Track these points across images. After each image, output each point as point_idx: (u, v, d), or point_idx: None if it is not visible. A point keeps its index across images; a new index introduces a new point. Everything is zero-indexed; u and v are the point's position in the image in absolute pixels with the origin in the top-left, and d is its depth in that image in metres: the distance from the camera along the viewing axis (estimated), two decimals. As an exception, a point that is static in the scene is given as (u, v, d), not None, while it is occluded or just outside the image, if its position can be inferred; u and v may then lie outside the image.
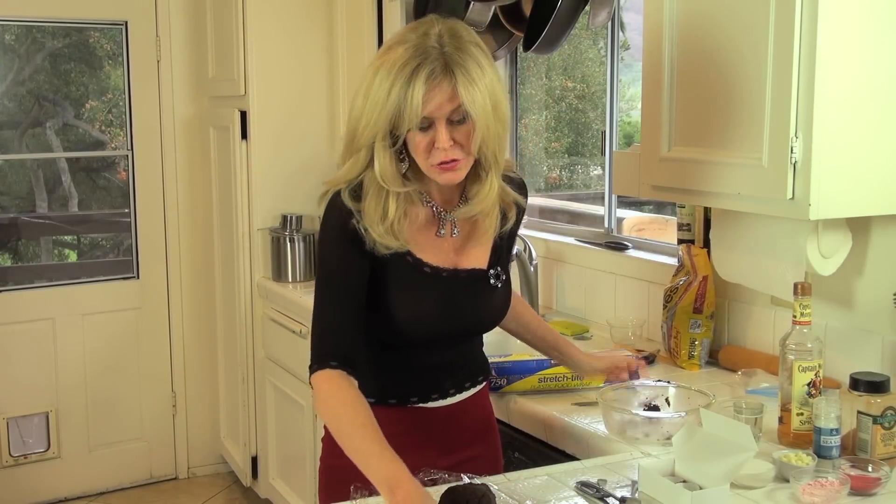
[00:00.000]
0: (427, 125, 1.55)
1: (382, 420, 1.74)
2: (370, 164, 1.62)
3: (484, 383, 1.87)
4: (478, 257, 1.74)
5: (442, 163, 1.57)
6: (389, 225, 1.61)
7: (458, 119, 1.55)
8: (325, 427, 1.83)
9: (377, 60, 1.59)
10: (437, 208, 1.70)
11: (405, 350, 1.74)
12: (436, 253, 1.71)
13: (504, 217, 1.74)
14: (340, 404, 1.57)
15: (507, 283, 1.80)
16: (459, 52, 1.54)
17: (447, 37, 1.56)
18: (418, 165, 1.62)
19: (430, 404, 1.77)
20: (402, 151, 1.62)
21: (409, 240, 1.66)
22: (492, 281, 1.75)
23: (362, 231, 1.62)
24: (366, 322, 1.70)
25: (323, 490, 1.83)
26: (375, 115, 1.56)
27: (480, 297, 1.74)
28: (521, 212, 1.80)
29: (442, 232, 1.71)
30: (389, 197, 1.61)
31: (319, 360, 1.62)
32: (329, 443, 1.82)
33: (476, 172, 1.65)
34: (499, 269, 1.76)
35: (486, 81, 1.55)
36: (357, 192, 1.64)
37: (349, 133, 1.64)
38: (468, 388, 1.81)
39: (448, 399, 1.78)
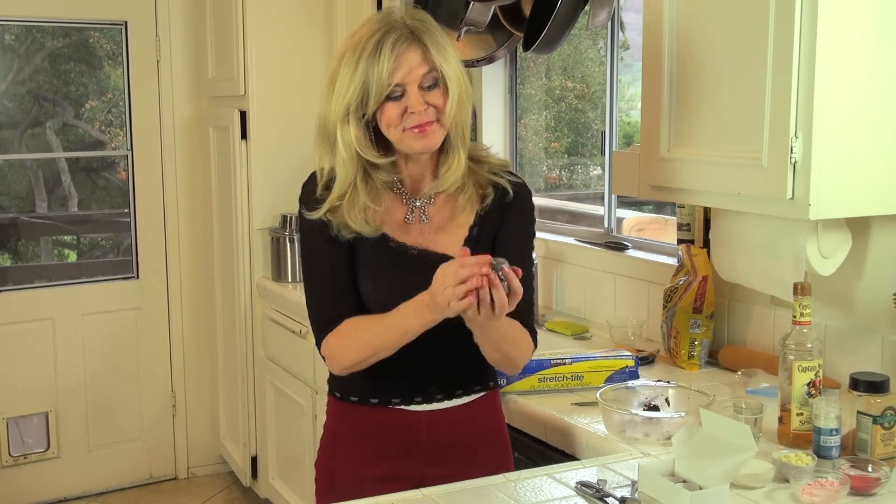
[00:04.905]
0: (399, 94, 1.57)
1: (364, 420, 1.74)
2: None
3: (483, 394, 1.79)
4: (449, 244, 1.70)
5: (416, 126, 1.58)
6: (361, 209, 1.64)
7: (428, 85, 1.58)
8: (324, 428, 1.83)
9: (342, 46, 1.62)
10: (406, 195, 1.71)
11: None
12: (405, 236, 1.70)
13: (483, 199, 1.71)
14: (352, 328, 1.65)
15: None
16: (424, 24, 1.60)
17: (409, 16, 1.61)
18: (392, 145, 1.64)
19: (413, 407, 1.73)
20: (373, 139, 1.63)
21: (383, 221, 1.68)
22: None
23: (327, 219, 1.66)
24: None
25: (319, 491, 1.83)
26: (343, 92, 1.58)
27: None
28: (514, 206, 1.73)
29: (410, 218, 1.71)
30: (358, 183, 1.64)
31: (323, 329, 1.68)
32: (325, 443, 1.82)
33: (447, 150, 1.66)
34: None
35: (452, 52, 1.60)
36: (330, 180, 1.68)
37: (320, 121, 1.65)
38: (460, 396, 1.76)
39: (434, 404, 1.74)
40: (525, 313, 1.71)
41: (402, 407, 1.73)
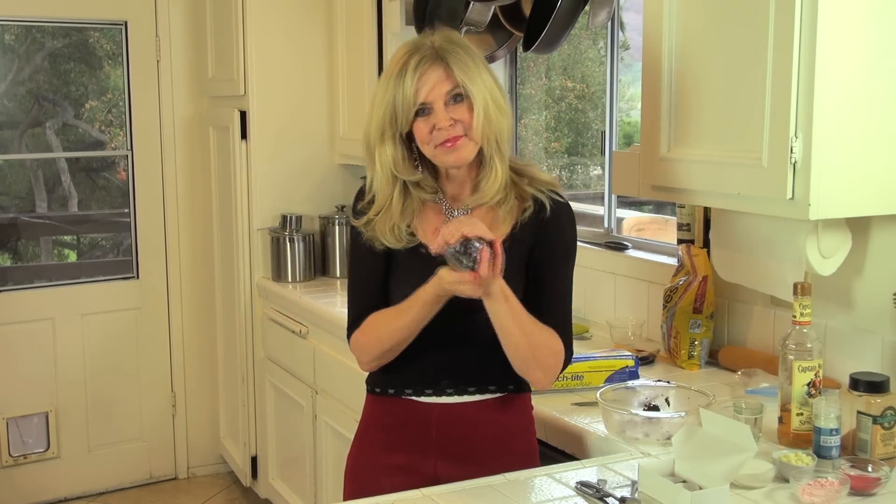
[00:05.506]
0: (427, 112, 1.64)
1: (384, 412, 1.81)
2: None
3: (499, 395, 1.77)
4: None
5: (445, 141, 1.64)
6: (392, 227, 1.71)
7: (454, 101, 1.64)
8: (360, 422, 1.87)
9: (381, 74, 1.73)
10: (445, 205, 1.75)
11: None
12: None
13: (523, 211, 1.73)
14: (373, 319, 1.73)
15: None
16: (450, 44, 1.66)
17: (439, 37, 1.68)
18: (429, 160, 1.71)
19: (424, 399, 1.76)
20: (416, 158, 1.71)
21: (417, 229, 1.74)
22: None
23: (361, 229, 1.75)
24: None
25: (345, 479, 1.87)
26: (377, 113, 1.67)
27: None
28: (551, 225, 1.74)
29: None
30: (394, 201, 1.71)
31: (351, 327, 1.77)
32: (356, 434, 1.87)
33: (483, 163, 1.70)
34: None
35: (478, 69, 1.65)
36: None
37: (363, 140, 1.74)
38: (472, 393, 1.76)
39: (444, 398, 1.75)
40: (562, 328, 1.73)
41: (414, 398, 1.76)
